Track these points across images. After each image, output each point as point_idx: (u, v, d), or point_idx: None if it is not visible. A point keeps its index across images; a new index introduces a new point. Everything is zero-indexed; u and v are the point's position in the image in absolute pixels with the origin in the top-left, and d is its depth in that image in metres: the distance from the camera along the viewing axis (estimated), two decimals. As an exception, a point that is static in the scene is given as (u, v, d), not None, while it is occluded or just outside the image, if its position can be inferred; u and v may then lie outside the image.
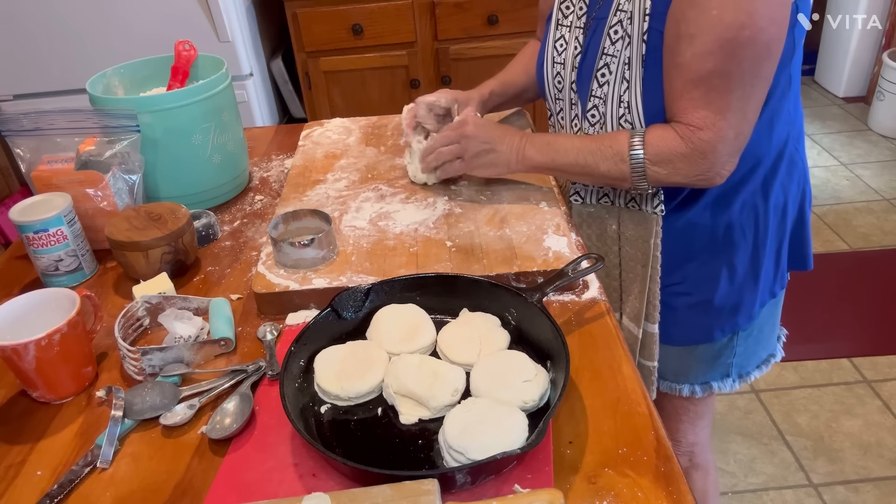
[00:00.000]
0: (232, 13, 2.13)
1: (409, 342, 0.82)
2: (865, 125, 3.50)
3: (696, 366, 1.17)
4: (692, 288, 1.09)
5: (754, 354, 1.17)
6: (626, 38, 0.95)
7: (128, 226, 0.99)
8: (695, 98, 0.90)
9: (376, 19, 2.34)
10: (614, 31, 0.97)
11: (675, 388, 1.19)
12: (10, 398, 0.84)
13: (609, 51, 0.98)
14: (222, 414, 0.77)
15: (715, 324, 1.11)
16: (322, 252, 0.97)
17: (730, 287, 1.08)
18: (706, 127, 0.90)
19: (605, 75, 0.99)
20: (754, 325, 1.13)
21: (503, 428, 0.69)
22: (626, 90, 0.97)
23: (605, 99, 1.00)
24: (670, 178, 0.95)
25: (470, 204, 1.10)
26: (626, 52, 0.95)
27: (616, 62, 0.97)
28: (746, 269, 1.07)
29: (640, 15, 0.93)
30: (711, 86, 0.88)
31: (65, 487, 0.71)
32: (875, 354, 2.18)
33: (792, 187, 1.07)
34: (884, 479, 1.80)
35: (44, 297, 0.85)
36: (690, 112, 0.91)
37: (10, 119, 1.07)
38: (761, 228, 1.05)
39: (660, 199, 1.02)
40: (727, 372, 1.16)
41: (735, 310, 1.10)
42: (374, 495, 0.62)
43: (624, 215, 1.07)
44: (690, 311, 1.10)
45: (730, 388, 1.17)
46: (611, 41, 0.97)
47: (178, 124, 1.12)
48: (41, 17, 2.08)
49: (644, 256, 1.06)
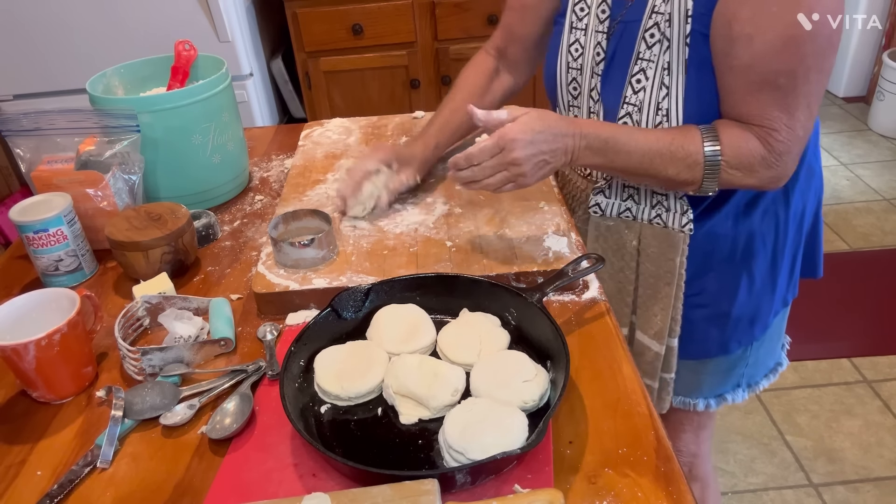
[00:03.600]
0: (232, 13, 2.13)
1: (409, 342, 0.82)
2: (865, 125, 3.50)
3: (709, 379, 1.14)
4: (710, 299, 1.06)
5: (763, 364, 1.16)
6: (665, 41, 0.90)
7: (128, 226, 0.99)
8: (762, 100, 0.86)
9: (376, 19, 2.34)
10: (650, 34, 0.92)
11: (689, 403, 1.16)
12: (10, 398, 0.84)
13: (645, 55, 0.93)
14: (222, 414, 0.77)
15: (732, 335, 1.08)
16: (322, 252, 0.97)
17: (748, 297, 1.05)
18: (781, 128, 0.87)
19: (641, 81, 0.94)
20: (766, 336, 1.11)
21: (503, 428, 0.69)
22: (666, 97, 0.92)
23: (640, 106, 0.95)
24: (744, 181, 0.91)
25: (470, 204, 1.10)
26: (665, 56, 0.91)
27: (654, 67, 0.92)
28: (765, 278, 1.05)
29: (682, 17, 0.88)
30: (778, 86, 0.84)
31: (65, 487, 0.71)
32: (875, 354, 2.18)
33: (810, 194, 1.05)
34: (884, 479, 1.80)
35: (44, 297, 0.85)
36: (761, 114, 0.87)
37: (10, 119, 1.07)
38: (781, 236, 1.03)
39: (689, 217, 0.98)
40: (738, 382, 1.14)
41: (752, 320, 1.07)
42: (374, 495, 0.62)
43: (646, 231, 1.03)
44: (707, 324, 1.07)
45: (741, 398, 1.15)
46: (647, 45, 0.92)
47: (178, 124, 1.12)
48: (41, 18, 2.08)
49: (668, 274, 1.02)
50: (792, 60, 0.83)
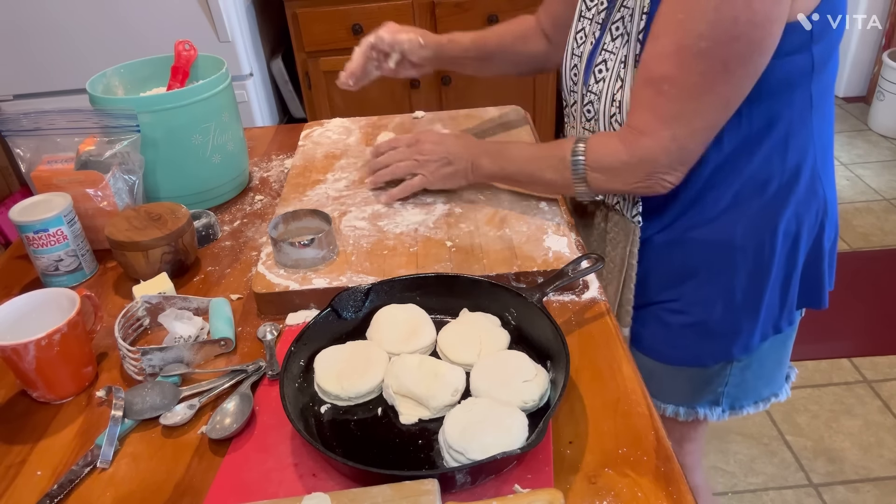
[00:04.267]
0: (232, 13, 2.13)
1: (409, 342, 0.82)
2: (865, 125, 3.50)
3: (683, 387, 1.12)
4: (688, 307, 1.04)
5: (752, 389, 1.11)
6: (626, 35, 0.93)
7: (128, 226, 0.99)
8: (642, 99, 0.89)
9: (376, 19, 2.32)
10: (616, 27, 0.95)
11: (660, 407, 1.13)
12: (10, 398, 0.84)
13: (608, 47, 0.96)
14: (222, 414, 0.77)
15: (707, 349, 1.06)
16: (322, 252, 0.97)
17: (726, 312, 1.02)
18: (647, 132, 0.88)
19: (602, 72, 0.97)
20: (753, 359, 1.07)
21: (503, 428, 0.69)
22: (620, 89, 0.94)
23: (599, 96, 0.98)
24: (610, 185, 0.95)
25: (470, 204, 1.10)
26: (624, 50, 0.93)
27: (614, 59, 0.95)
28: (746, 295, 1.01)
29: (639, 13, 0.90)
30: (660, 90, 0.85)
31: (65, 487, 0.71)
32: (875, 354, 2.18)
33: (808, 218, 0.98)
34: (884, 479, 1.80)
35: (44, 297, 0.85)
36: (636, 113, 0.90)
37: (10, 119, 1.07)
38: (766, 254, 0.98)
39: (638, 209, 0.99)
40: (717, 400, 1.11)
41: (730, 337, 1.04)
42: (374, 495, 0.62)
43: (611, 215, 1.06)
44: (684, 332, 1.06)
45: (718, 417, 1.12)
46: (611, 37, 0.96)
47: (178, 124, 1.12)
48: (41, 18, 2.08)
49: (621, 261, 1.04)
50: (680, 70, 0.83)
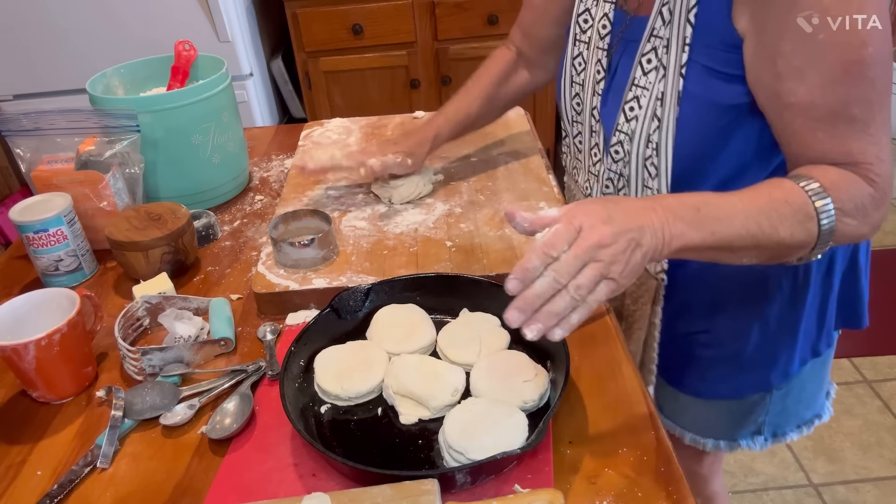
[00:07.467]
0: (232, 13, 2.13)
1: (409, 342, 0.82)
2: (865, 125, 3.49)
3: (723, 421, 1.07)
4: (719, 339, 0.99)
5: (794, 414, 1.06)
6: (661, 69, 0.82)
7: (128, 226, 0.99)
8: (839, 136, 0.73)
9: (376, 19, 2.34)
10: (647, 59, 0.84)
11: (700, 442, 1.09)
12: (10, 398, 0.84)
13: (640, 82, 0.85)
14: (222, 414, 0.77)
15: (744, 380, 1.01)
16: (322, 252, 0.97)
17: (761, 342, 0.97)
18: (874, 161, 0.73)
19: (634, 109, 0.86)
20: (793, 385, 1.02)
21: (503, 428, 0.69)
22: (657, 129, 0.84)
23: (631, 136, 0.87)
24: (857, 231, 0.75)
25: (470, 204, 1.10)
26: (660, 85, 0.82)
27: (648, 96, 0.84)
28: (782, 324, 0.96)
29: (679, 44, 0.79)
30: (852, 116, 0.72)
31: (65, 487, 0.71)
32: (875, 354, 2.18)
33: None
34: (884, 479, 1.80)
35: (44, 297, 0.85)
36: (847, 151, 0.74)
37: (10, 119, 1.07)
38: (801, 283, 0.93)
39: (662, 266, 0.92)
40: (758, 430, 1.06)
41: (768, 367, 0.99)
42: (374, 495, 0.62)
43: None
44: (718, 365, 1.01)
45: (760, 447, 1.06)
46: (643, 71, 0.84)
47: (178, 124, 1.12)
48: (41, 17, 2.08)
49: (641, 318, 0.98)
50: (861, 86, 0.71)
